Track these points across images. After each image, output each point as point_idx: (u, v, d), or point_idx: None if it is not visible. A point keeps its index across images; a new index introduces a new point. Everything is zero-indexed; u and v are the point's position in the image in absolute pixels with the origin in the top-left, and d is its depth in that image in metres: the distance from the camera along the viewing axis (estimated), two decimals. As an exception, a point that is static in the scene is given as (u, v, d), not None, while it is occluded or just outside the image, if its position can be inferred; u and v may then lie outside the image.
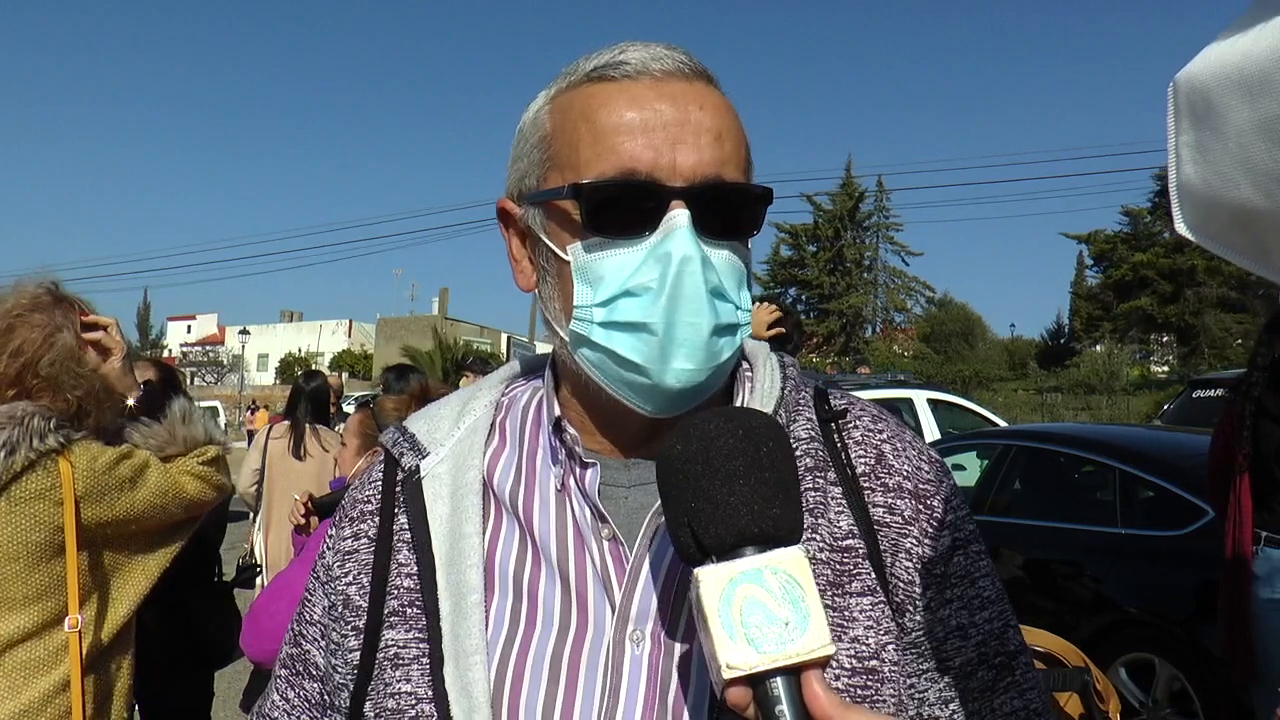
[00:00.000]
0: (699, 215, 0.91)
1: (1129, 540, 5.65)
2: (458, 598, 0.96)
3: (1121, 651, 5.40)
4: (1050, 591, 6.03)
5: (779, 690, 0.74)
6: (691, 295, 0.91)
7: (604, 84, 0.95)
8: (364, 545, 1.05)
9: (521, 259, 1.05)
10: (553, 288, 0.99)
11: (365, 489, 1.10)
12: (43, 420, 2.16)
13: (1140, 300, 46.78)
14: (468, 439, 1.07)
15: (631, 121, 0.92)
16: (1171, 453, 5.97)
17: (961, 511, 1.04)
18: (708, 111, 0.94)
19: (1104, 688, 3.11)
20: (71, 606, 2.16)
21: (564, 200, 0.94)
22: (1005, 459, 7.05)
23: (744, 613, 0.75)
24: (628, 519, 0.98)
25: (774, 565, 0.77)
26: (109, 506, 2.23)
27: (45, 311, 2.28)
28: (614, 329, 0.93)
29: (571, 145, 0.95)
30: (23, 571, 2.11)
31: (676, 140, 0.92)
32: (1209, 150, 0.52)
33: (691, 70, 0.96)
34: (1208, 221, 0.54)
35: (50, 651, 2.14)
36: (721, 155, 0.93)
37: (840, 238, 55.33)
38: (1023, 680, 1.02)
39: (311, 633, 1.09)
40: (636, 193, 0.91)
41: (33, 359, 2.23)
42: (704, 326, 0.92)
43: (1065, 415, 31.98)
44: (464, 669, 0.92)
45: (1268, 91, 0.47)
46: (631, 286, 0.92)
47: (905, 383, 13.57)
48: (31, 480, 2.13)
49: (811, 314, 55.95)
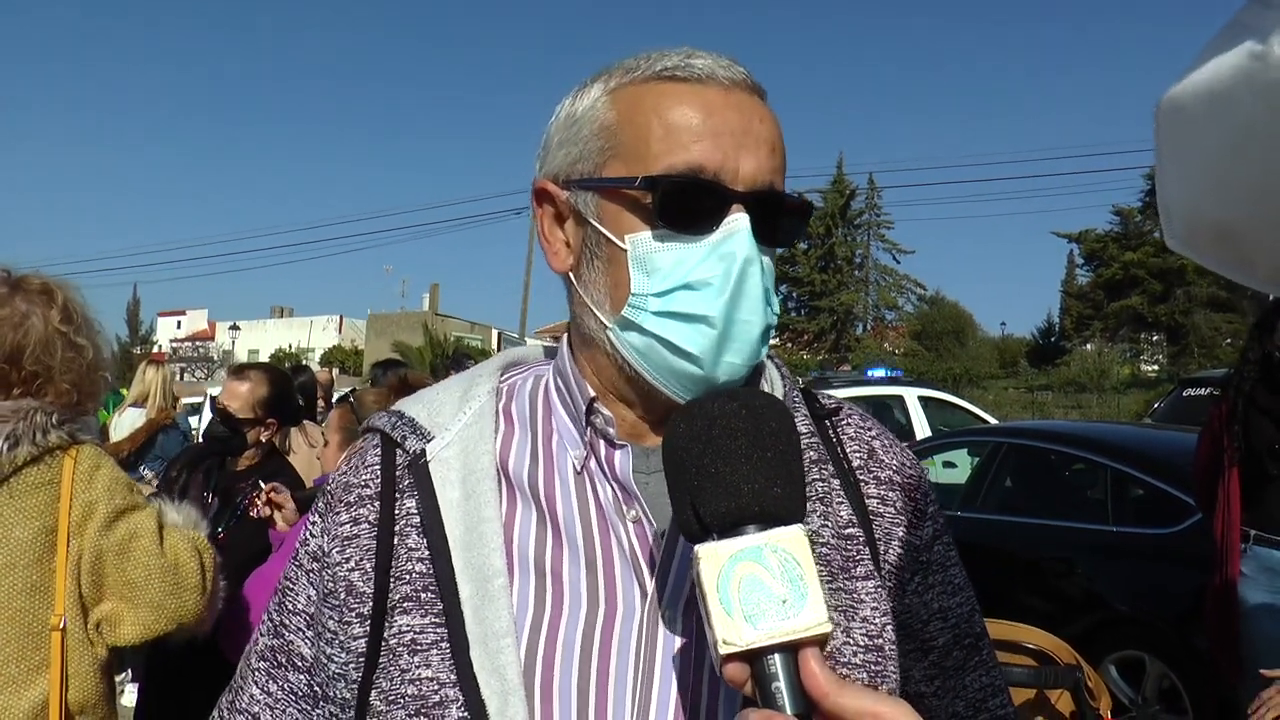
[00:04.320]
0: (755, 221, 0.97)
1: (1120, 538, 5.67)
2: (480, 582, 0.96)
3: (1112, 649, 5.42)
4: (1041, 589, 6.05)
5: (775, 667, 0.75)
6: (751, 294, 0.96)
7: (675, 84, 0.99)
8: (365, 530, 1.04)
9: (555, 241, 1.07)
10: (599, 273, 1.02)
11: (361, 473, 1.08)
12: (45, 416, 2.15)
13: (1130, 299, 46.95)
14: (475, 424, 1.07)
15: (703, 123, 0.97)
16: (1163, 450, 6.00)
17: (937, 505, 1.14)
18: (766, 125, 1.00)
19: (1095, 685, 3.11)
20: (58, 604, 2.12)
21: (632, 189, 0.97)
22: (996, 457, 7.07)
23: (742, 590, 0.76)
24: (651, 503, 1.00)
25: (773, 543, 0.78)
26: (96, 520, 2.18)
27: (5, 304, 2.23)
28: (670, 318, 0.97)
29: (641, 138, 0.98)
30: (3, 569, 2.07)
31: (741, 147, 0.97)
32: (1188, 169, 0.54)
33: (752, 85, 1.02)
34: (1194, 237, 0.55)
35: (28, 668, 2.09)
36: (775, 166, 1.00)
37: (831, 235, 55.34)
38: (988, 659, 1.13)
39: (296, 623, 1.08)
40: (703, 191, 0.96)
41: (13, 353, 2.20)
42: (757, 325, 0.98)
43: (1056, 413, 32.06)
44: (494, 652, 0.93)
45: (1232, 110, 0.49)
46: (692, 280, 0.96)
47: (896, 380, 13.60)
48: (32, 473, 2.12)
49: (802, 312, 56.08)
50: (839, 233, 55.93)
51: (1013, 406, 33.74)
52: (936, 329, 53.86)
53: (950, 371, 41.83)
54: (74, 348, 2.30)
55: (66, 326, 2.29)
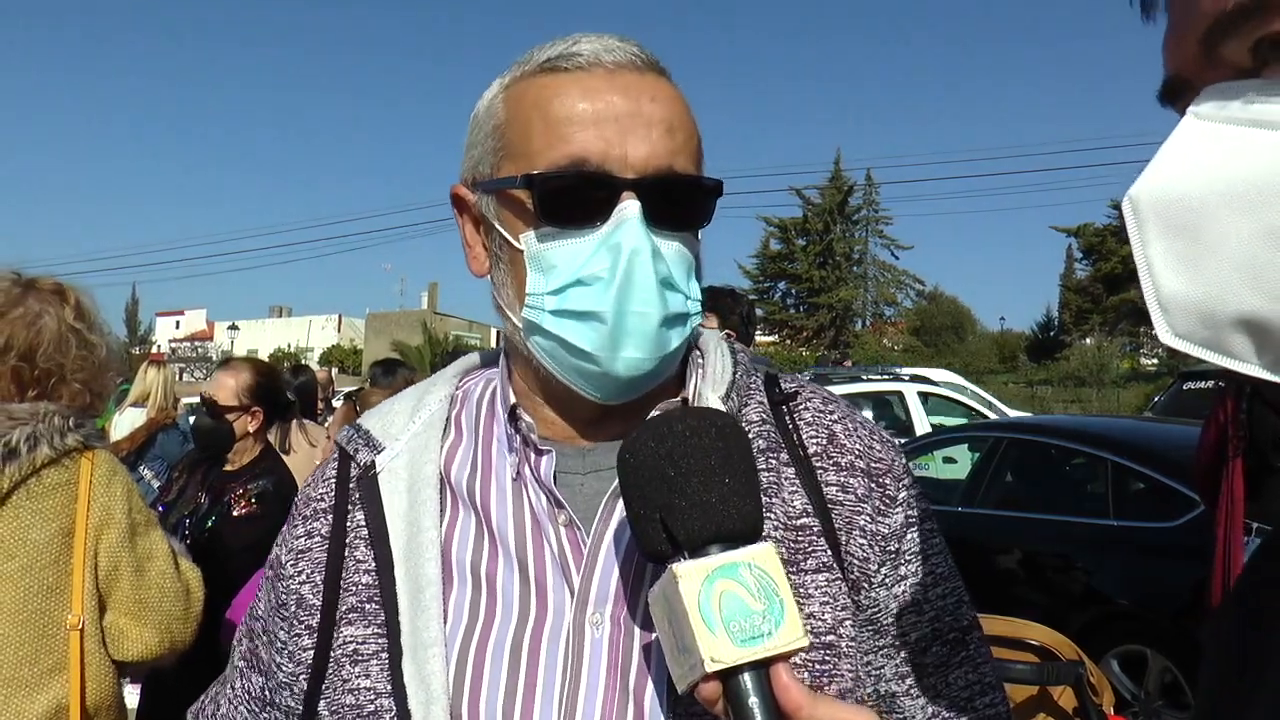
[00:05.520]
0: (650, 207, 0.92)
1: (1121, 532, 5.65)
2: (415, 591, 0.96)
3: (1114, 644, 5.41)
4: (1042, 584, 6.04)
5: (748, 684, 0.75)
6: (641, 285, 0.92)
7: (557, 75, 0.96)
8: (317, 544, 1.05)
9: (475, 245, 1.06)
10: (505, 274, 1.00)
11: (319, 486, 1.09)
12: (63, 418, 2.16)
13: (1130, 293, 46.85)
14: (424, 433, 1.07)
15: (584, 112, 0.93)
16: (1164, 444, 5.98)
17: (914, 490, 1.06)
18: (660, 103, 0.95)
19: (1098, 681, 3.10)
20: (75, 604, 2.11)
21: (517, 189, 0.95)
22: (996, 451, 7.06)
23: (722, 607, 0.76)
24: (584, 505, 0.99)
25: (749, 560, 0.78)
26: (115, 528, 2.18)
27: (19, 304, 2.24)
28: (565, 317, 0.94)
29: (524, 135, 0.96)
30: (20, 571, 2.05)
31: (628, 132, 0.93)
32: (1199, 261, 0.54)
33: (644, 62, 0.97)
34: (1200, 330, 0.55)
35: (41, 671, 2.06)
36: (673, 147, 0.95)
37: (829, 231, 55.34)
38: (976, 655, 1.05)
39: (257, 627, 1.11)
40: (588, 183, 0.92)
41: (27, 351, 2.20)
42: (653, 316, 0.93)
43: (1055, 408, 32.06)
44: (421, 661, 0.92)
45: (1270, 203, 0.50)
46: (583, 276, 0.93)
47: (898, 376, 13.60)
48: (51, 475, 2.12)
49: (801, 308, 56.13)
50: (837, 229, 55.92)
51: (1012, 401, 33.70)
52: (935, 324, 53.94)
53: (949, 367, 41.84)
54: (86, 345, 2.31)
55: (80, 324, 2.31)
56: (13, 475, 2.07)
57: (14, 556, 2.06)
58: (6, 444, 2.06)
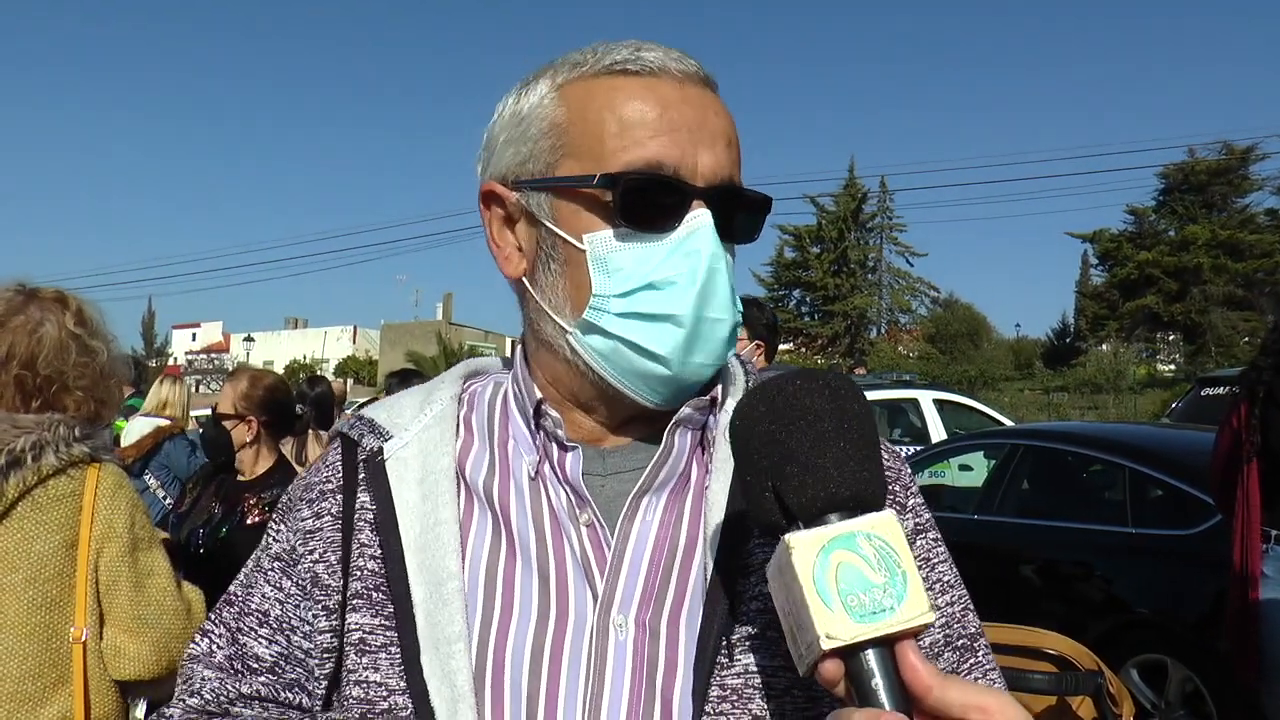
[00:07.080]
0: (716, 216, 0.94)
1: (1140, 540, 5.60)
2: (434, 585, 0.94)
3: (1133, 653, 5.35)
4: (1060, 593, 5.98)
5: (872, 663, 0.71)
6: (720, 292, 0.94)
7: (627, 78, 0.96)
8: (328, 523, 1.02)
9: (505, 245, 1.04)
10: (557, 276, 0.98)
11: (321, 472, 1.07)
12: (68, 428, 2.16)
13: (1146, 299, 46.60)
14: (435, 427, 1.05)
15: (659, 118, 0.94)
16: (1182, 450, 5.91)
17: (919, 499, 1.07)
18: (721, 118, 0.97)
19: (1117, 691, 3.06)
20: (78, 617, 2.10)
21: (590, 188, 0.94)
22: (1013, 459, 7.00)
23: (839, 580, 0.71)
24: (605, 506, 0.97)
25: (868, 530, 0.74)
26: (117, 542, 2.17)
27: (21, 312, 2.24)
28: (634, 319, 0.94)
29: (594, 134, 0.95)
30: (24, 583, 2.05)
31: (698, 142, 0.94)
32: None
33: (705, 78, 0.98)
34: None
35: (44, 685, 2.06)
36: (733, 160, 0.97)
37: (844, 239, 55.15)
38: (985, 661, 1.04)
39: (248, 623, 1.05)
40: (663, 188, 0.93)
41: (27, 359, 2.19)
42: (726, 323, 0.95)
43: (1072, 415, 31.90)
44: (445, 657, 0.91)
45: None
46: (655, 280, 0.93)
47: (910, 383, 13.55)
48: (57, 485, 2.11)
49: (816, 315, 55.93)
50: (851, 236, 55.73)
51: (1028, 408, 33.58)
52: (951, 331, 53.63)
53: (965, 374, 41.68)
54: (87, 352, 2.29)
55: (80, 330, 2.30)
56: (17, 485, 2.06)
57: (18, 569, 2.06)
58: (10, 452, 2.06)
